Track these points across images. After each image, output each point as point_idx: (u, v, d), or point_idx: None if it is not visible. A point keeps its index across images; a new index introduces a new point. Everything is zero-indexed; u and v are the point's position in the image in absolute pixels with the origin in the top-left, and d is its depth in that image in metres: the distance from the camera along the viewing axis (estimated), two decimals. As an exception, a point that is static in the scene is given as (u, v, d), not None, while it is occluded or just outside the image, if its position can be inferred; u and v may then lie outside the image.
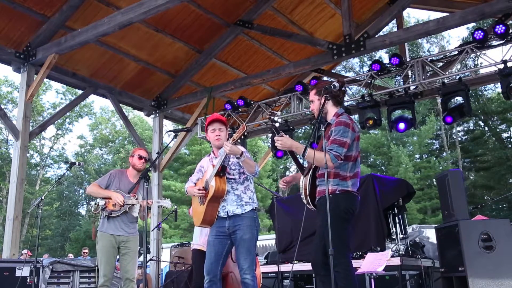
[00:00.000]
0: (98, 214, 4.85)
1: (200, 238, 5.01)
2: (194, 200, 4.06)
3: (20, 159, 7.26)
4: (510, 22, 7.51)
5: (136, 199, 4.79)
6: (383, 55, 25.36)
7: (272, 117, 3.42)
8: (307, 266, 6.65)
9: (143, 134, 27.87)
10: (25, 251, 11.77)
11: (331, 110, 3.63)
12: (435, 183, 19.59)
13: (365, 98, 7.80)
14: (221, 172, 3.78)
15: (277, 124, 3.46)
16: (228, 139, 3.79)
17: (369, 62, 26.23)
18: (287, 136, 3.55)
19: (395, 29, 10.03)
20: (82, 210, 34.33)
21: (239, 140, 3.65)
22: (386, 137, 26.07)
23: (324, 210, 3.32)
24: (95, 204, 4.87)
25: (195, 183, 4.08)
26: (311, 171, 3.60)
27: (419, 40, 26.55)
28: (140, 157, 4.94)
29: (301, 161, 3.82)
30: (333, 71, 11.48)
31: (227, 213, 3.81)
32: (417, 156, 26.59)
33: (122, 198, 4.72)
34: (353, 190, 3.48)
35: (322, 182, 3.48)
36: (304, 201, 3.64)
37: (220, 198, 3.80)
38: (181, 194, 23.62)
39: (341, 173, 3.46)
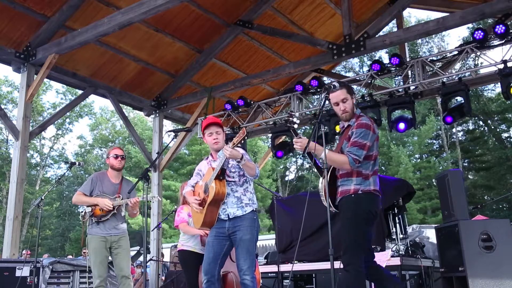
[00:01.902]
0: (86, 221, 4.85)
1: (191, 239, 5.01)
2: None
3: (20, 159, 7.26)
4: (510, 22, 7.50)
5: (122, 199, 4.79)
6: (383, 55, 25.36)
7: (290, 118, 3.40)
8: (307, 266, 6.66)
9: (143, 134, 27.86)
10: (25, 251, 11.75)
11: (353, 108, 3.65)
12: (435, 183, 19.60)
13: (365, 98, 7.80)
14: (221, 175, 3.77)
15: (295, 126, 3.44)
16: (227, 142, 3.78)
17: (369, 62, 26.26)
18: (305, 137, 3.54)
19: (395, 29, 10.03)
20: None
21: (239, 144, 3.64)
22: (386, 137, 26.07)
23: (344, 210, 3.35)
24: (83, 212, 4.87)
25: (193, 186, 4.08)
26: (330, 172, 3.59)
27: (419, 41, 26.56)
28: (116, 156, 4.93)
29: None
30: (333, 71, 11.48)
31: (228, 216, 3.80)
32: (417, 156, 26.60)
33: (110, 202, 4.71)
34: (375, 189, 3.49)
35: (344, 182, 3.51)
36: (325, 203, 3.63)
37: (220, 201, 3.79)
38: (181, 194, 23.60)
39: (363, 172, 3.47)
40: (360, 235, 3.38)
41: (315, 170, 3.72)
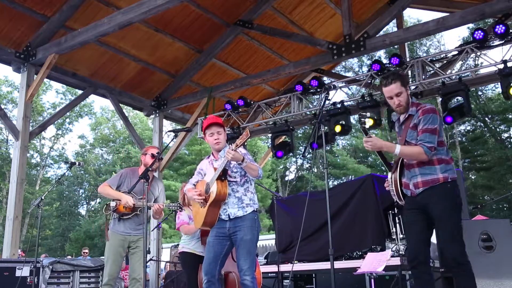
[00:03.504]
0: (109, 215, 4.82)
1: (191, 241, 5.02)
2: (194, 202, 4.05)
3: (20, 159, 7.27)
4: (510, 22, 7.51)
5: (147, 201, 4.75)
6: (381, 55, 25.32)
7: (362, 118, 3.35)
8: (307, 266, 6.67)
9: (143, 134, 27.85)
10: (19, 251, 11.69)
11: (408, 100, 3.47)
12: (435, 183, 19.49)
13: (365, 98, 7.81)
14: (223, 176, 3.76)
15: (366, 126, 3.37)
16: (227, 141, 3.77)
17: (368, 62, 26.23)
18: (376, 137, 3.42)
19: (395, 29, 10.02)
20: (82, 210, 34.34)
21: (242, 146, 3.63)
22: (386, 137, 26.07)
23: (439, 200, 3.21)
24: (106, 205, 4.84)
25: (194, 185, 4.06)
26: (399, 166, 3.43)
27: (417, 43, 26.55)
28: (153, 156, 4.83)
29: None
30: (333, 71, 11.49)
31: (229, 216, 3.78)
32: (417, 156, 26.52)
33: (132, 201, 4.66)
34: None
35: (425, 171, 3.32)
36: (396, 198, 3.48)
37: (221, 201, 3.78)
38: (181, 194, 23.55)
39: (444, 158, 3.35)
40: (461, 229, 3.28)
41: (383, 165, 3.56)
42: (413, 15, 29.97)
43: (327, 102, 7.62)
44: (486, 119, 25.44)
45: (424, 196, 3.32)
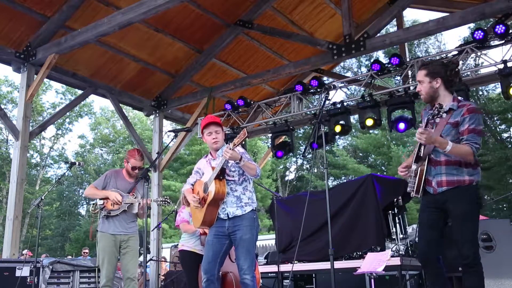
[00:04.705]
0: (97, 214, 4.86)
1: (191, 240, 5.02)
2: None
3: (20, 159, 7.27)
4: (510, 22, 7.51)
5: (135, 197, 4.80)
6: (380, 55, 25.31)
7: (436, 109, 3.11)
8: (307, 266, 6.66)
9: (143, 134, 27.83)
10: (25, 251, 11.74)
11: (444, 94, 3.32)
12: (435, 183, 19.44)
13: (365, 98, 7.81)
14: (221, 175, 3.77)
15: (438, 113, 3.16)
16: (227, 142, 3.78)
17: (367, 63, 26.23)
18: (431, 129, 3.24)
19: (395, 29, 10.02)
20: (82, 210, 34.30)
21: (240, 146, 3.64)
22: (386, 137, 26.07)
23: (461, 201, 3.17)
24: (94, 204, 4.89)
25: (192, 185, 4.08)
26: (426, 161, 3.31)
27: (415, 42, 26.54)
28: (133, 168, 4.94)
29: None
30: (332, 71, 11.49)
31: (227, 215, 3.79)
32: (417, 156, 26.50)
33: (120, 197, 4.74)
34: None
35: (452, 171, 3.24)
36: (413, 189, 3.34)
37: (220, 200, 3.79)
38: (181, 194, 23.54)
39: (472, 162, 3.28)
40: (477, 229, 3.26)
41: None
42: (410, 16, 30.04)
43: (327, 102, 7.62)
44: (486, 119, 25.41)
45: (446, 194, 3.26)
